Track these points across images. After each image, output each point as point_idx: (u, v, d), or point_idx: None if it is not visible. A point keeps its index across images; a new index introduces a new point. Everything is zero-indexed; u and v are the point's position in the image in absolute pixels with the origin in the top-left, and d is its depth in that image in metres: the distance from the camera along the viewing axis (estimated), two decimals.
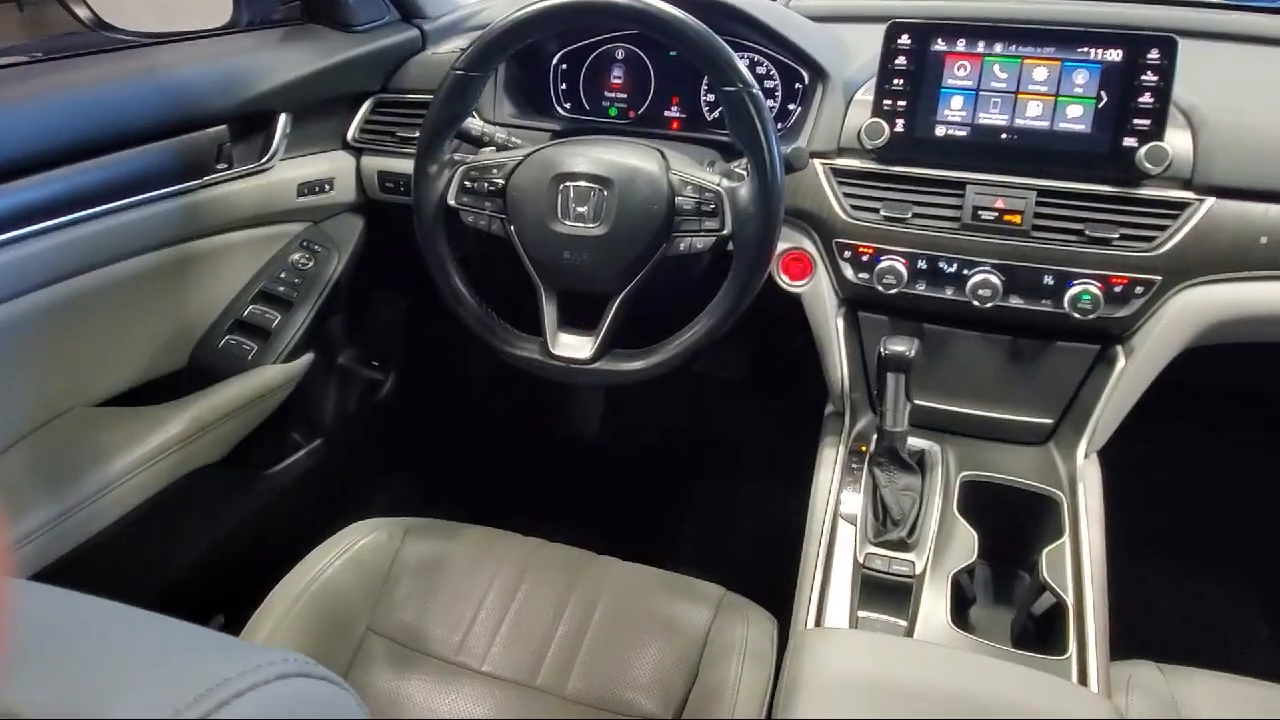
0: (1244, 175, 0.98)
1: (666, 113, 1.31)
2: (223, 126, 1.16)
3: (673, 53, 1.28)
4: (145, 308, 1.16)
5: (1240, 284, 1.00)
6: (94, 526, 1.07)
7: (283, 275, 1.32)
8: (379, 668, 0.98)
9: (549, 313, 1.05)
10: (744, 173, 0.98)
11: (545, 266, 1.03)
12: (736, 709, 0.89)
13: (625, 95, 1.33)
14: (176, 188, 1.11)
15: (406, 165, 1.12)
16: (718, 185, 0.98)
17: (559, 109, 1.35)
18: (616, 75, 1.33)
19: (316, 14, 1.34)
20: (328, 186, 1.33)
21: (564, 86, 1.35)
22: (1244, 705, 0.86)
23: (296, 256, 1.33)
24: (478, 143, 1.14)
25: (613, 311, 1.02)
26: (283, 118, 1.23)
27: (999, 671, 0.75)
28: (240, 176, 1.20)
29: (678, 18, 0.93)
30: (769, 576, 1.09)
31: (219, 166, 1.17)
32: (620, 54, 1.32)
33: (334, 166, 1.35)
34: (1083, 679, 0.86)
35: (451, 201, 1.04)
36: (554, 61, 1.34)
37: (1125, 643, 0.94)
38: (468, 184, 1.04)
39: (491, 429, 1.92)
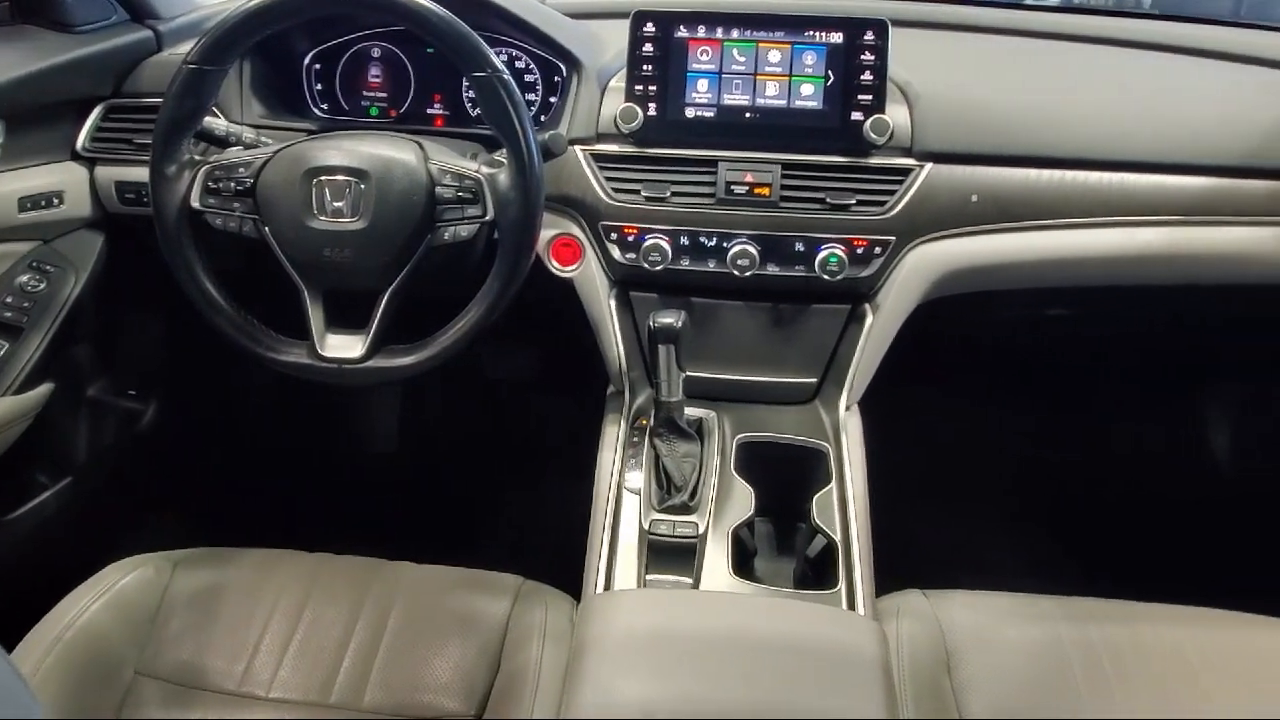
0: (953, 142, 1.10)
1: (429, 110, 1.30)
2: None
3: (430, 49, 1.27)
4: None
5: (960, 239, 1.12)
6: None
7: (9, 300, 1.19)
8: (151, 711, 0.91)
9: (315, 314, 1.02)
10: (504, 160, 0.99)
11: (305, 266, 1.00)
12: (539, 690, 0.89)
13: (385, 94, 1.30)
14: None
15: (146, 174, 1.05)
16: (477, 172, 0.99)
17: (315, 109, 1.30)
18: (375, 74, 1.30)
19: (29, 13, 1.22)
20: (56, 200, 1.21)
21: (319, 86, 1.30)
22: (995, 613, 0.96)
23: (24, 278, 1.20)
24: (223, 143, 1.09)
25: (382, 307, 1.00)
26: None
27: (773, 607, 0.80)
28: None
29: (420, 4, 0.93)
30: (573, 563, 1.10)
31: None
32: (376, 52, 1.29)
33: (63, 179, 1.23)
34: (851, 607, 0.92)
35: (196, 204, 0.99)
36: (307, 60, 1.29)
37: (896, 577, 1.02)
38: (212, 185, 0.99)
39: (275, 448, 1.81)
